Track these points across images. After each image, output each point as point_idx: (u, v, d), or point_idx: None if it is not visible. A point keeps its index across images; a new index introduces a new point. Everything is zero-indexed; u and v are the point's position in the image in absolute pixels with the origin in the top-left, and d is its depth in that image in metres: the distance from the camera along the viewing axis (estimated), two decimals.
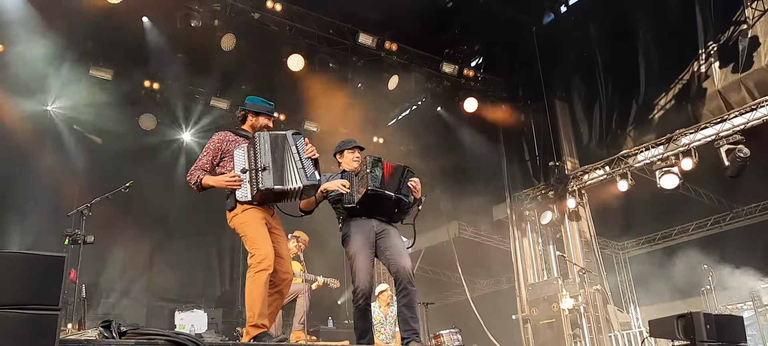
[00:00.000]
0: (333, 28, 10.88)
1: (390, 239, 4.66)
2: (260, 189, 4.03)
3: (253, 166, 4.07)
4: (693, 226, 13.83)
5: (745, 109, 9.52)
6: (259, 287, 3.95)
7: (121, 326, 3.70)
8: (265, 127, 4.44)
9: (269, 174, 4.05)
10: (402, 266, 4.52)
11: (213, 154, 4.26)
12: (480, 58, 13.27)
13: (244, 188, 4.09)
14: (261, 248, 4.01)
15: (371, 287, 4.59)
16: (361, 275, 4.48)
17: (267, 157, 4.09)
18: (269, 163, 4.08)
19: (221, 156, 4.27)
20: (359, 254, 4.53)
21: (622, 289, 15.07)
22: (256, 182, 4.04)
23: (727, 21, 9.83)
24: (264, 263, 3.97)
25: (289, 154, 4.17)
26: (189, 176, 4.23)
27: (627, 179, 10.93)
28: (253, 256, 4.03)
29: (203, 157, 4.26)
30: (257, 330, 3.93)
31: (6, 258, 2.81)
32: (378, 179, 4.51)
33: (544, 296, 11.21)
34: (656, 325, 5.28)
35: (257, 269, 3.97)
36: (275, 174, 4.08)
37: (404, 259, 4.57)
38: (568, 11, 12.63)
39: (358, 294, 4.50)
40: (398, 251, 4.61)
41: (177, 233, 12.54)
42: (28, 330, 2.71)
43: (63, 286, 2.92)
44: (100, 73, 10.44)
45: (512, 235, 13.03)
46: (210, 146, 4.28)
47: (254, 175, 4.06)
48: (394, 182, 4.65)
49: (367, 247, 4.57)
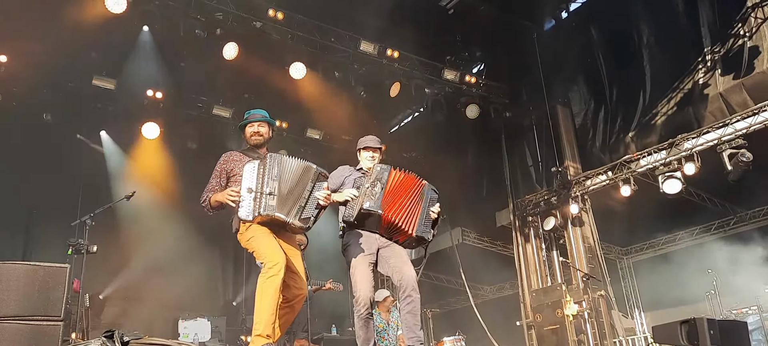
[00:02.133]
0: (334, 36, 10.90)
1: (392, 249, 4.64)
2: (261, 213, 3.94)
3: (260, 190, 3.98)
4: (697, 230, 13.78)
5: (748, 114, 9.52)
6: (269, 294, 3.81)
7: (125, 336, 3.71)
8: (254, 135, 4.37)
9: (274, 200, 3.96)
10: (406, 274, 4.51)
11: (219, 176, 4.27)
12: (481, 65, 13.29)
13: (247, 207, 3.99)
14: (271, 256, 3.90)
15: (372, 296, 4.58)
16: (361, 286, 4.46)
17: (275, 183, 3.99)
18: (276, 189, 3.98)
19: (228, 176, 4.25)
20: (359, 265, 4.51)
21: (626, 294, 15.01)
22: (259, 205, 3.96)
23: (730, 26, 9.84)
24: (276, 269, 3.84)
25: (301, 188, 4.07)
26: (201, 201, 4.25)
27: (630, 184, 10.91)
28: (262, 264, 3.94)
29: (212, 180, 4.27)
30: (262, 341, 3.77)
31: (9, 269, 2.82)
32: (376, 195, 4.37)
33: (548, 302, 11.18)
34: (660, 331, 5.28)
35: (267, 274, 3.84)
36: (279, 202, 3.98)
37: (408, 267, 4.56)
38: (569, 17, 12.65)
39: (360, 304, 4.49)
40: (402, 259, 4.60)
41: (180, 242, 12.54)
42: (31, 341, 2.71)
43: (66, 296, 2.93)
44: (103, 82, 10.48)
45: (515, 241, 13.00)
46: (216, 169, 4.30)
47: (259, 197, 3.97)
48: (398, 202, 4.51)
49: (368, 257, 4.55)
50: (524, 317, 12.19)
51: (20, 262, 2.87)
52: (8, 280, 2.75)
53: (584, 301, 10.74)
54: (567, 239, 12.04)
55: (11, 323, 2.66)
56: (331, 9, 10.53)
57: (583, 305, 10.69)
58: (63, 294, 2.80)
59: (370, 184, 4.42)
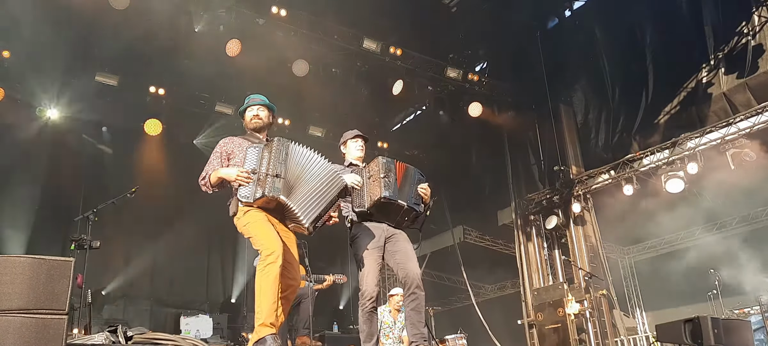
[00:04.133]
0: (337, 34, 10.90)
1: (399, 243, 4.66)
2: (266, 195, 3.84)
3: (267, 171, 3.89)
4: (699, 230, 13.76)
5: (751, 113, 9.49)
6: (268, 282, 3.73)
7: (128, 331, 3.72)
8: (254, 118, 4.33)
9: (280, 183, 3.87)
10: (411, 271, 4.53)
11: (220, 157, 4.16)
12: (484, 63, 13.27)
13: (250, 187, 3.90)
14: (268, 244, 3.82)
15: (378, 291, 4.59)
16: (368, 280, 4.49)
17: (283, 166, 3.91)
18: (284, 172, 3.90)
19: (228, 158, 4.16)
20: (368, 258, 4.53)
21: (628, 294, 14.99)
22: (263, 186, 3.86)
23: (734, 25, 9.82)
24: (273, 257, 3.76)
25: (319, 184, 3.99)
26: (200, 179, 4.10)
27: (632, 183, 10.90)
28: (260, 251, 3.84)
29: (212, 160, 4.14)
30: (266, 330, 3.67)
31: (14, 262, 2.82)
32: (392, 185, 4.46)
33: (550, 300, 11.16)
34: (664, 329, 5.28)
35: (266, 261, 3.76)
36: (285, 185, 3.89)
37: (413, 264, 4.58)
38: (572, 16, 12.63)
39: (365, 298, 4.51)
40: (407, 256, 4.62)
41: (183, 238, 12.56)
42: (35, 334, 2.72)
43: (70, 290, 2.93)
44: (106, 79, 10.48)
45: (517, 239, 12.99)
46: (216, 151, 4.20)
47: (264, 178, 3.88)
48: (406, 188, 4.63)
49: (376, 250, 4.57)
50: (526, 316, 12.19)
51: (24, 255, 2.87)
52: (13, 273, 2.74)
53: (586, 300, 10.73)
54: (569, 237, 12.03)
55: (16, 316, 2.66)
56: (334, 6, 10.52)
57: (585, 304, 10.67)
58: (67, 288, 2.80)
59: (384, 174, 4.49)
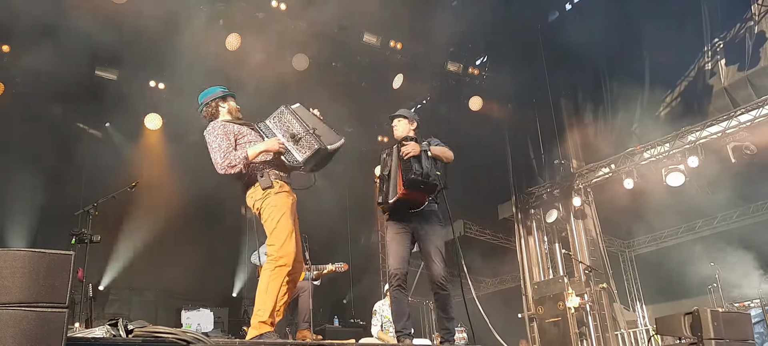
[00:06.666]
0: (338, 27, 10.86)
1: (427, 228, 4.64)
2: (318, 148, 3.93)
3: (307, 130, 3.99)
4: (699, 223, 13.76)
5: (752, 106, 9.48)
6: (275, 283, 3.80)
7: (129, 325, 3.71)
8: (238, 110, 4.41)
9: (321, 136, 4.01)
10: (434, 271, 4.55)
11: (228, 138, 4.03)
12: (485, 57, 13.24)
13: (296, 152, 3.98)
14: (286, 244, 3.85)
15: (405, 270, 4.56)
16: (391, 259, 4.56)
17: (312, 121, 4.09)
18: (316, 126, 4.07)
19: (235, 140, 4.07)
20: (394, 240, 4.60)
21: (628, 287, 15.01)
22: (312, 144, 3.96)
23: (733, 17, 9.79)
24: (285, 259, 3.82)
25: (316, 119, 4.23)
26: (228, 163, 3.89)
27: (633, 176, 10.90)
28: (273, 246, 3.85)
29: (223, 143, 3.97)
30: (265, 328, 3.74)
31: (13, 256, 2.81)
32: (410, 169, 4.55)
33: (550, 294, 11.18)
34: (664, 322, 5.28)
35: (277, 263, 3.81)
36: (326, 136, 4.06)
37: (437, 261, 4.56)
38: (573, 9, 12.59)
39: (390, 276, 4.56)
40: (434, 252, 4.59)
41: (183, 232, 12.55)
42: (36, 328, 2.71)
43: (71, 284, 2.92)
44: (105, 73, 10.46)
45: (518, 233, 13.01)
46: (220, 134, 4.04)
47: (310, 137, 3.97)
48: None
49: (403, 232, 4.61)
50: (526, 310, 12.21)
51: (24, 248, 2.86)
52: (13, 266, 2.73)
53: (586, 293, 10.75)
54: (569, 231, 12.05)
55: (16, 310, 2.65)
56: (334, 0, 10.48)
57: (585, 298, 10.70)
58: (68, 281, 2.79)
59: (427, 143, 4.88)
